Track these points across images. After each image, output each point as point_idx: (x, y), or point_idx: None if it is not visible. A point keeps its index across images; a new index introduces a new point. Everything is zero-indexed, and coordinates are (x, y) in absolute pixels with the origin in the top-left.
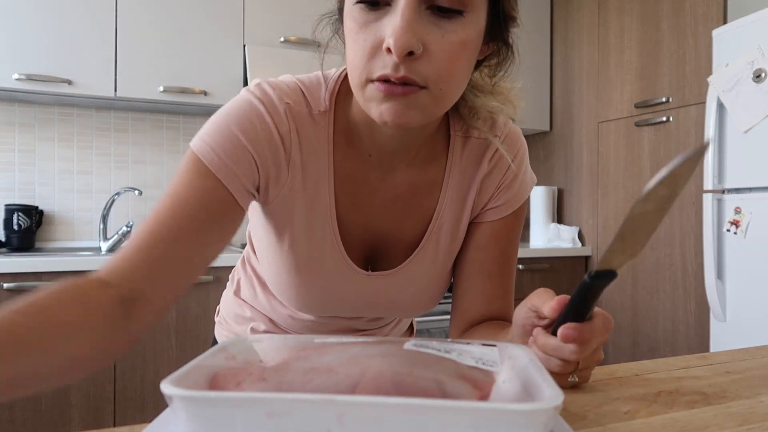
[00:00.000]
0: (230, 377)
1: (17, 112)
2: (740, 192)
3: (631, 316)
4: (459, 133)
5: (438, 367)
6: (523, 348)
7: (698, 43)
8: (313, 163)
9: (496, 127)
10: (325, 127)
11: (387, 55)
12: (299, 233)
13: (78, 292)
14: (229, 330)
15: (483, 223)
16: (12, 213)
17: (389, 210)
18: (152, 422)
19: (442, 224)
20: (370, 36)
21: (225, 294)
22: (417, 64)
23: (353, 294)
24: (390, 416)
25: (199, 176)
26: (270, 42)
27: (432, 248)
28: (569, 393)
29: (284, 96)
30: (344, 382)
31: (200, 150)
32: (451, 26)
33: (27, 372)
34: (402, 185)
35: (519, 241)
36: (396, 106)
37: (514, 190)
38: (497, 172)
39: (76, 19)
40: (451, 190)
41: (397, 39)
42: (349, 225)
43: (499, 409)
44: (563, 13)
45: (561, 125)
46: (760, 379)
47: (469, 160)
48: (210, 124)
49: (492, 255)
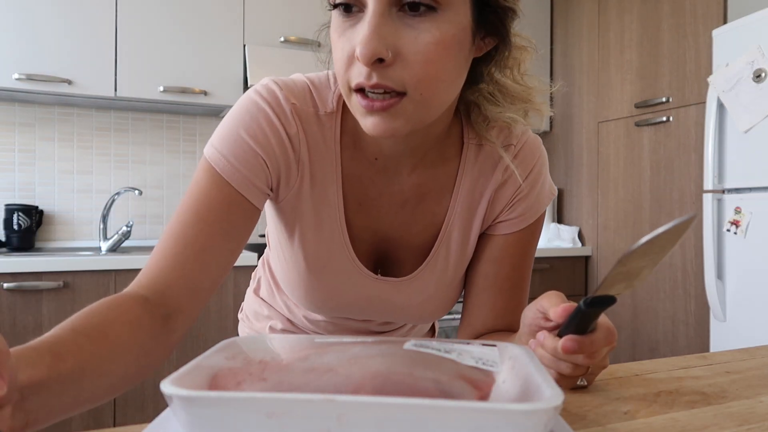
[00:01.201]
0: (230, 377)
1: (17, 112)
2: (740, 192)
3: (631, 316)
4: (473, 141)
5: (438, 368)
6: (523, 348)
7: (698, 43)
8: (321, 164)
9: (511, 136)
10: (331, 128)
11: (360, 64)
12: (308, 232)
13: (124, 311)
14: (251, 327)
15: (496, 236)
16: (12, 213)
17: (398, 214)
18: (152, 422)
19: (452, 232)
20: (346, 44)
21: (248, 291)
22: (390, 70)
23: (361, 297)
24: (390, 416)
25: (216, 186)
26: (270, 42)
27: (442, 256)
28: (569, 393)
29: (291, 96)
30: (344, 383)
31: (213, 158)
32: (425, 25)
33: (86, 395)
34: (410, 190)
35: (533, 255)
36: (379, 119)
37: (530, 203)
38: (511, 184)
39: (76, 19)
40: (461, 197)
41: (362, 47)
42: (358, 227)
43: (499, 409)
44: (563, 13)
45: (561, 125)
46: (760, 379)
47: (483, 168)
48: (220, 129)
49: (505, 270)
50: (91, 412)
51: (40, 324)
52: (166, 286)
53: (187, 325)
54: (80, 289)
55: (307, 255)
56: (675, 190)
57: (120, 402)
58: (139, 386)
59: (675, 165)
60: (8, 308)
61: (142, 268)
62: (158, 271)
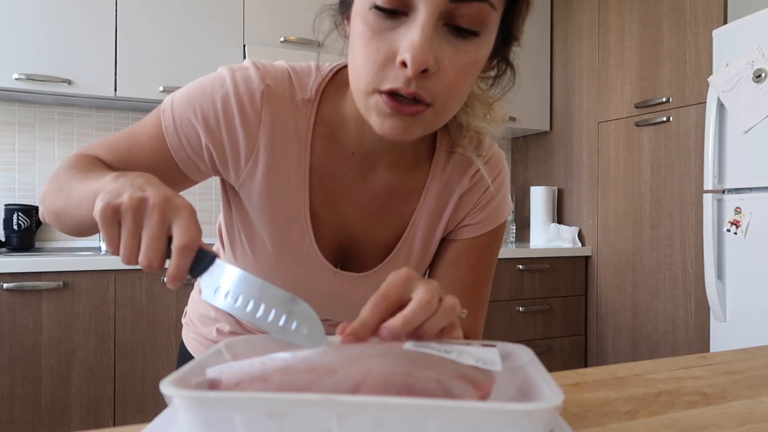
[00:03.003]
0: (230, 377)
1: (17, 112)
2: (740, 192)
3: (631, 316)
4: (444, 147)
5: (438, 367)
6: (523, 348)
7: (698, 43)
8: (285, 148)
9: (481, 147)
10: (305, 116)
11: (400, 69)
12: (267, 217)
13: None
14: (196, 332)
15: (456, 241)
16: (12, 213)
17: (365, 211)
18: (152, 422)
19: (416, 232)
20: (384, 45)
21: (192, 295)
22: (428, 81)
23: (320, 291)
24: (390, 416)
25: (157, 137)
26: (270, 42)
27: (404, 255)
28: (569, 393)
29: (267, 77)
30: (344, 382)
31: (165, 114)
32: (465, 46)
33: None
34: (381, 188)
35: (492, 264)
36: (400, 123)
37: (490, 210)
38: (476, 190)
39: (76, 19)
40: (429, 200)
41: (414, 55)
42: (323, 219)
43: (499, 409)
44: (563, 13)
45: (561, 125)
46: (760, 379)
47: (452, 174)
48: (186, 89)
49: (460, 274)
50: (91, 412)
51: (40, 324)
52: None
53: None
54: (80, 289)
55: (266, 241)
56: (675, 190)
57: (120, 402)
58: (139, 386)
59: (675, 165)
60: (8, 308)
61: (93, 145)
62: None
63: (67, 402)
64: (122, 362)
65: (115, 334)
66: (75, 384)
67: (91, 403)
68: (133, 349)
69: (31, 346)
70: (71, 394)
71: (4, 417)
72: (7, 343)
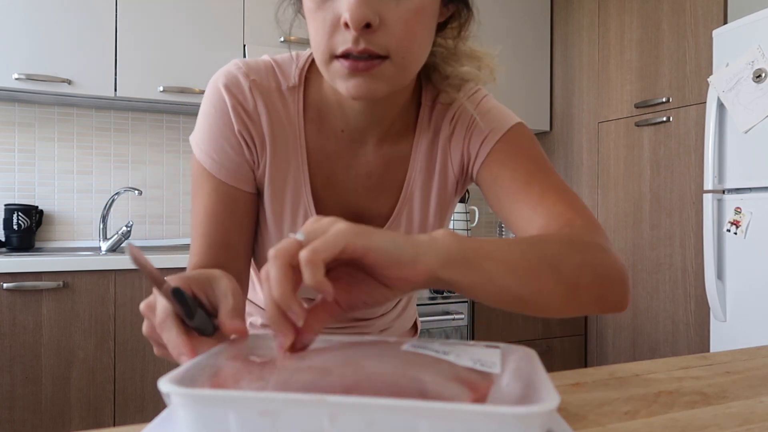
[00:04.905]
0: (230, 377)
1: (17, 112)
2: (740, 192)
3: (631, 316)
4: (428, 103)
5: (433, 369)
6: (526, 349)
7: (698, 43)
8: (283, 138)
9: (463, 90)
10: (294, 103)
11: (346, 31)
12: (277, 207)
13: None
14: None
15: (482, 168)
16: (12, 213)
17: (364, 185)
18: (152, 422)
19: (413, 193)
20: (328, 13)
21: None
22: (376, 35)
23: None
24: (381, 417)
25: (210, 184)
26: (270, 42)
27: (405, 219)
28: (569, 393)
29: (251, 73)
30: (338, 383)
31: (201, 158)
32: None
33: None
34: (375, 160)
35: (537, 160)
36: (361, 80)
37: (489, 122)
38: (460, 126)
39: (76, 19)
40: (419, 160)
41: (352, 12)
42: (326, 201)
43: (490, 412)
44: (563, 13)
45: (561, 125)
46: (760, 379)
47: (435, 126)
48: (198, 126)
49: (505, 182)
50: (91, 412)
51: (40, 324)
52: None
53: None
54: (80, 289)
55: (277, 231)
56: (675, 190)
57: (120, 402)
58: (139, 386)
59: (675, 165)
60: (8, 308)
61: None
62: (200, 264)
63: (67, 402)
64: (122, 362)
65: (115, 334)
66: (75, 384)
67: (91, 403)
68: (133, 349)
69: (31, 346)
70: (71, 394)
71: (4, 417)
72: (7, 343)
